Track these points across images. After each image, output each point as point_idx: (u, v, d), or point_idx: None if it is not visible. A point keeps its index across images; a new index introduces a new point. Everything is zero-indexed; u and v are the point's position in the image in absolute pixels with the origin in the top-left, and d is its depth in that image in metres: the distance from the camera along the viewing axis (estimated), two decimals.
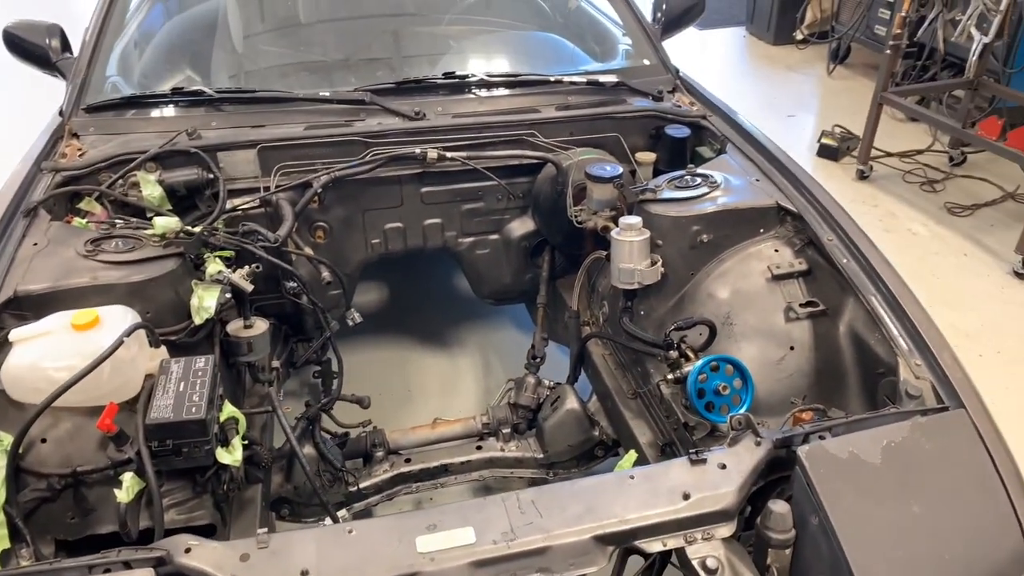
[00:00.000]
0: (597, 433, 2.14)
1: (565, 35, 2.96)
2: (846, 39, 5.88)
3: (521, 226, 2.39)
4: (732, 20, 7.29)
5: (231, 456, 1.51)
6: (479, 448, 2.22)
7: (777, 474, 1.38)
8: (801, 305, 1.78)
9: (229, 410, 1.58)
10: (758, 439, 1.36)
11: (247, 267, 1.79)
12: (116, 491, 1.37)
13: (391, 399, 2.81)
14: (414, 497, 2.29)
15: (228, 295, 1.76)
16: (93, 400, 1.44)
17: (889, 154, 4.62)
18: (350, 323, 2.24)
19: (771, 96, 5.75)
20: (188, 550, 1.17)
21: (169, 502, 1.50)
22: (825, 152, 4.68)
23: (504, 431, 2.22)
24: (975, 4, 3.88)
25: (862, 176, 4.43)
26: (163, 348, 1.61)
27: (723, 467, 1.31)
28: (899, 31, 3.97)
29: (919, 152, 4.64)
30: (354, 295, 2.43)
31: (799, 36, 6.43)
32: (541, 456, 2.19)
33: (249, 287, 1.79)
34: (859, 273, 1.69)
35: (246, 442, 1.58)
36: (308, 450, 2.02)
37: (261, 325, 1.87)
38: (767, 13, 6.63)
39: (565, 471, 2.22)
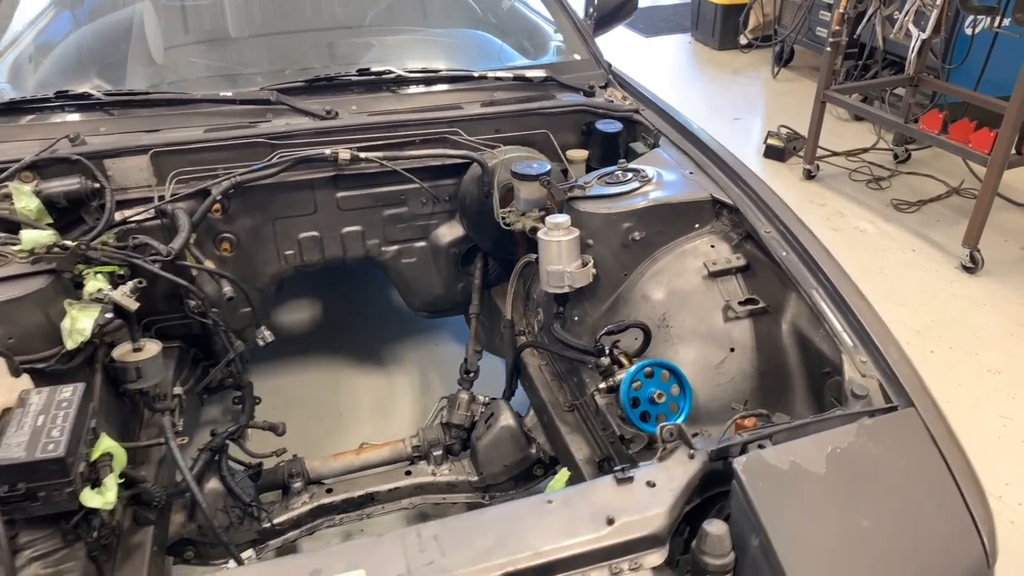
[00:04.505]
0: (534, 451, 1.98)
1: (499, 35, 2.84)
2: (789, 42, 5.89)
3: (450, 231, 2.24)
4: (678, 27, 7.30)
5: (102, 498, 1.31)
6: (408, 473, 2.05)
7: (715, 489, 1.24)
8: (740, 303, 1.66)
9: (106, 445, 1.39)
10: (691, 451, 1.22)
11: (130, 283, 1.61)
12: None
13: (322, 422, 2.62)
14: (342, 529, 2.11)
15: (110, 315, 1.57)
16: None
17: (835, 153, 4.59)
18: (260, 342, 2.05)
19: (717, 100, 5.72)
20: None
21: (32, 554, 1.30)
22: (771, 153, 4.64)
23: (435, 454, 2.06)
24: (911, 1, 3.87)
25: (809, 176, 4.39)
26: (26, 377, 1.41)
27: (652, 485, 1.17)
28: (837, 28, 3.94)
29: (864, 151, 4.62)
30: (275, 311, 2.25)
31: (743, 41, 6.45)
32: (475, 479, 2.02)
33: (134, 305, 1.60)
34: (799, 266, 1.57)
35: (122, 480, 1.39)
36: (213, 484, 1.82)
37: (152, 348, 1.68)
38: (711, 19, 6.63)
39: (503, 493, 2.06)
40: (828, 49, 4.03)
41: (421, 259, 2.26)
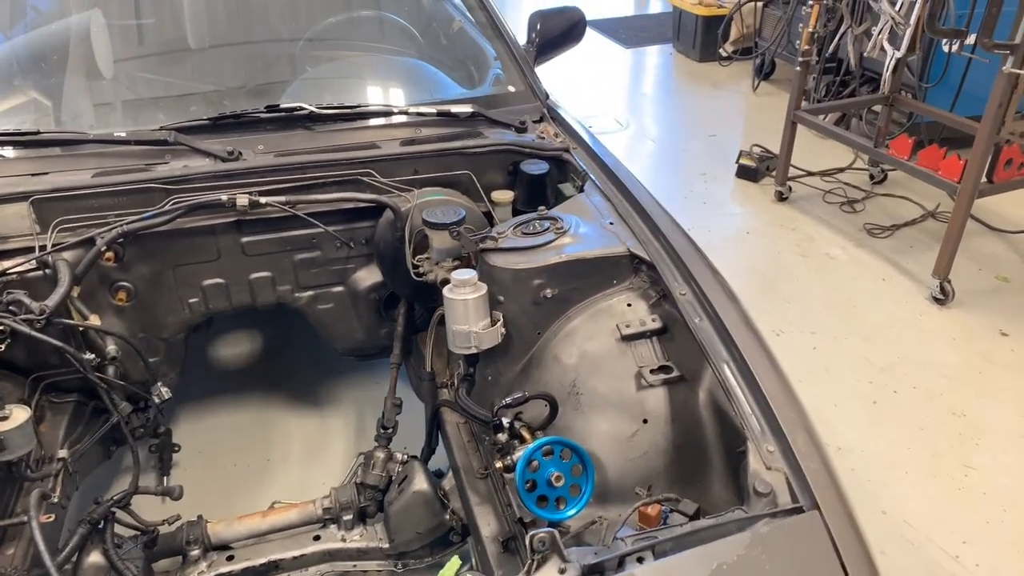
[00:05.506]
0: (448, 517, 1.85)
1: (443, 60, 2.70)
2: (768, 55, 5.76)
3: (369, 276, 2.11)
4: (660, 38, 7.18)
5: None
6: (317, 538, 1.91)
7: None
8: (653, 371, 1.52)
9: None
10: (563, 565, 1.08)
11: None
12: None
13: (245, 472, 2.49)
14: None
15: None
16: None
17: (810, 173, 4.46)
18: (156, 399, 1.92)
19: (695, 115, 5.59)
20: None
21: None
22: (744, 173, 4.50)
23: (346, 518, 1.92)
24: (884, 18, 3.73)
25: (781, 198, 4.25)
26: None
27: None
28: (807, 47, 3.81)
29: (840, 171, 4.49)
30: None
31: (724, 53, 6.31)
32: (387, 546, 1.89)
33: None
34: (712, 336, 1.43)
35: None
36: (95, 557, 1.69)
37: (19, 416, 1.56)
38: (692, 31, 6.50)
39: (417, 560, 1.93)
40: (798, 68, 3.89)
41: (339, 305, 2.13)
